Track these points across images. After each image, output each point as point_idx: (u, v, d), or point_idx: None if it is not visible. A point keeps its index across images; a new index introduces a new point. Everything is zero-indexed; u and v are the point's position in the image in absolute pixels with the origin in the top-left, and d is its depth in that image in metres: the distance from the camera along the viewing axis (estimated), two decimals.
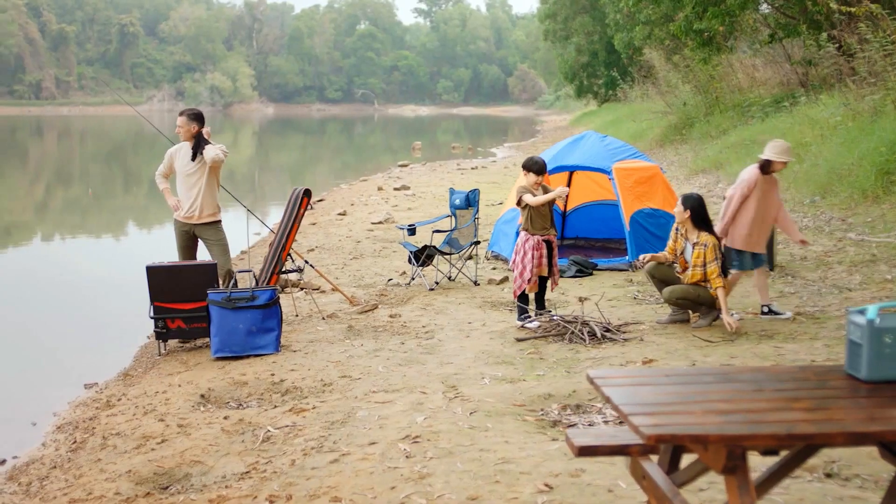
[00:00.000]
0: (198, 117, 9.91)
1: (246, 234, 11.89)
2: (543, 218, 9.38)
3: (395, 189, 24.14)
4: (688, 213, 8.97)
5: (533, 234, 9.34)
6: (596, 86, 58.02)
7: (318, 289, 11.74)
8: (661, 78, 35.78)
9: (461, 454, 5.82)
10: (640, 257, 9.56)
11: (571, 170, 13.12)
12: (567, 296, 10.70)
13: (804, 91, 23.21)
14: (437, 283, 11.56)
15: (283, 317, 10.06)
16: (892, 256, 11.23)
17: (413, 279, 11.75)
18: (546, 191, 9.38)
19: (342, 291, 10.97)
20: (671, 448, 4.05)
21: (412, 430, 6.29)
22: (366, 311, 10.32)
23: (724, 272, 8.97)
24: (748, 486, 3.35)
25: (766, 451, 4.05)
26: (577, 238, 14.21)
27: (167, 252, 10.88)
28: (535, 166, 9.40)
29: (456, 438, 6.11)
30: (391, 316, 10.05)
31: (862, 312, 3.94)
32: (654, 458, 4.26)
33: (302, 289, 11.70)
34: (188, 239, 10.07)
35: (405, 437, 6.19)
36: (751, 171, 9.33)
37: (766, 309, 9.40)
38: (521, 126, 79.64)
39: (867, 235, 12.47)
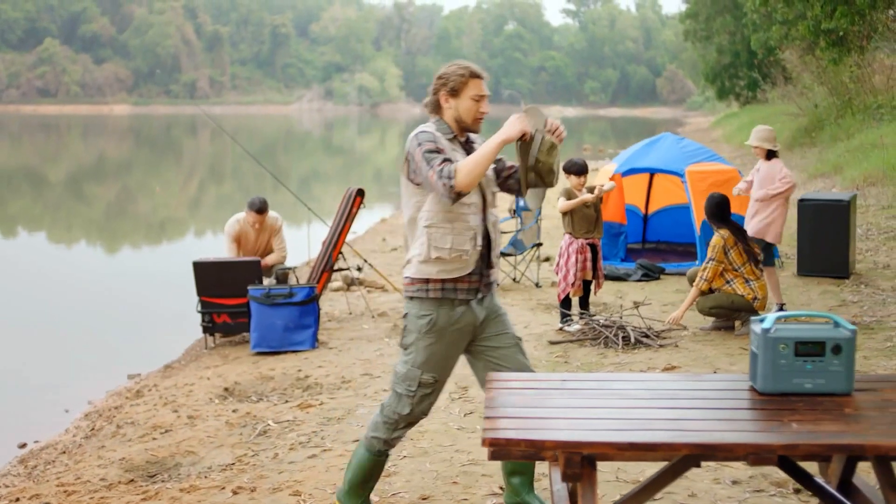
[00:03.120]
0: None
1: (307, 233, 12.05)
2: (588, 221, 9.26)
3: None
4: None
5: (577, 238, 9.24)
6: (738, 87, 56.63)
7: (382, 287, 11.86)
8: (796, 79, 34.84)
9: (435, 454, 5.84)
10: (667, 321, 8.93)
11: (646, 172, 12.93)
12: (625, 300, 10.55)
13: None
14: (497, 284, 11.48)
15: (336, 314, 10.25)
16: None
17: None
18: (591, 192, 9.27)
19: (400, 291, 11.05)
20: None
21: None
22: None
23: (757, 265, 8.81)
24: (593, 497, 3.28)
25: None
26: (658, 242, 13.99)
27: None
28: (574, 167, 9.28)
29: (438, 438, 6.13)
30: None
31: (763, 321, 3.81)
32: None
33: (366, 287, 11.82)
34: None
35: None
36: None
37: (776, 308, 9.27)
38: (668, 128, 77.64)
39: None
